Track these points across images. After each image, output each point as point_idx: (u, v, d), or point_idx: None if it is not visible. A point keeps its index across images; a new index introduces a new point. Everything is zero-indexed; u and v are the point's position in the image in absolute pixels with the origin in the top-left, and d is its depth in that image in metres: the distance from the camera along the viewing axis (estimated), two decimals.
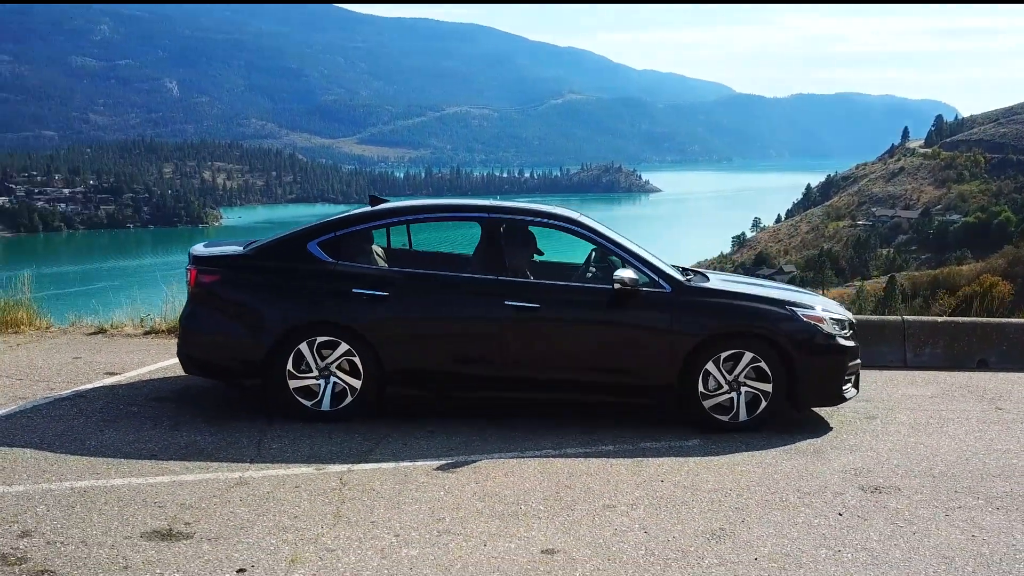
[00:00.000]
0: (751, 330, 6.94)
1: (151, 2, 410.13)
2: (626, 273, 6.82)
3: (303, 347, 6.78)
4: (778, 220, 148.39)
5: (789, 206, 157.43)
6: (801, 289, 8.44)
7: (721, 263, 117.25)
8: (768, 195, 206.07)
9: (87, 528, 4.81)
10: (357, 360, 6.80)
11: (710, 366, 6.90)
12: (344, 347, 6.79)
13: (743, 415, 6.97)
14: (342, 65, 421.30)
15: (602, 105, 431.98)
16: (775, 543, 4.94)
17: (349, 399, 6.86)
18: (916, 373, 9.39)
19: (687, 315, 6.92)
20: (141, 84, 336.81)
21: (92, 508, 5.08)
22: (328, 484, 5.61)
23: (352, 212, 7.41)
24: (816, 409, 7.69)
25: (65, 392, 7.47)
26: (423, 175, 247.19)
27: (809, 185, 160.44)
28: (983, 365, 9.61)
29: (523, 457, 6.26)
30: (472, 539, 4.85)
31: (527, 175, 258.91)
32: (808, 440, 6.88)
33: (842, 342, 7.10)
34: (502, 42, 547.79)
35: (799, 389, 6.99)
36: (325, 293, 6.83)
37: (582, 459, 6.27)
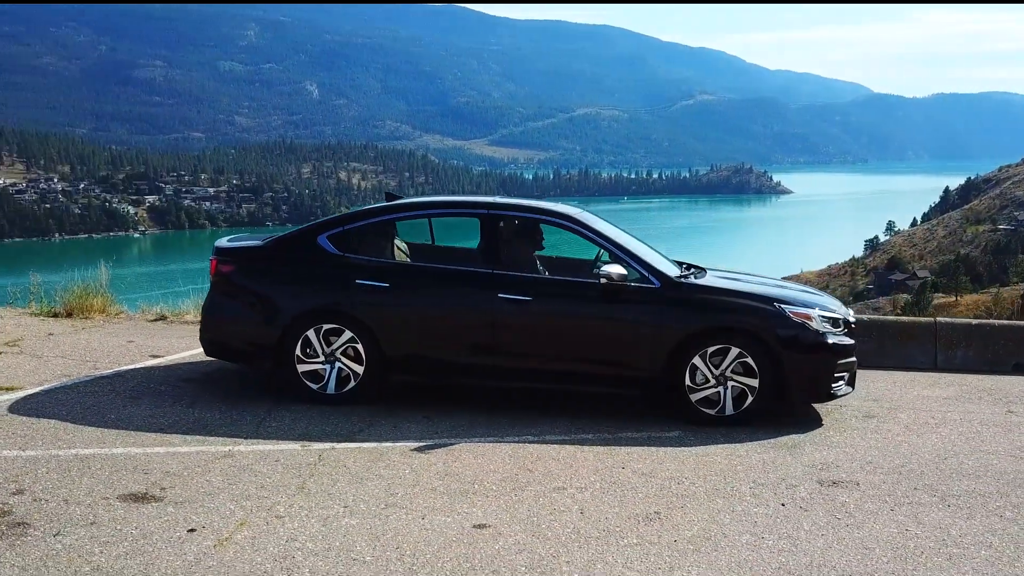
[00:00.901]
0: (737, 326, 7.09)
1: (294, 1, 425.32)
2: (612, 268, 7.06)
3: (310, 333, 7.25)
4: (913, 224, 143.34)
5: (925, 209, 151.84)
6: (808, 288, 8.44)
7: (852, 267, 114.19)
8: (904, 198, 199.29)
9: (73, 489, 5.36)
10: (360, 347, 7.24)
11: (697, 360, 7.07)
12: (348, 334, 7.24)
13: (729, 409, 7.11)
14: (475, 67, 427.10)
15: (733, 106, 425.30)
16: (702, 527, 5.13)
17: (352, 383, 7.30)
18: (943, 375, 9.26)
19: (674, 310, 7.11)
20: (283, 87, 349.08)
21: (86, 472, 5.64)
22: (306, 460, 6.04)
23: (361, 208, 7.85)
24: (818, 407, 7.75)
25: (107, 371, 8.15)
26: (551, 176, 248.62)
27: (947, 188, 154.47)
28: (1019, 369, 9.40)
29: (501, 442, 6.57)
30: (413, 513, 5.19)
31: (655, 176, 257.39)
32: (792, 435, 6.97)
33: (832, 340, 7.16)
34: (634, 43, 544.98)
35: (785, 385, 7.10)
36: (331, 283, 7.29)
37: (557, 445, 6.54)
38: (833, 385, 7.23)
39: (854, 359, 7.43)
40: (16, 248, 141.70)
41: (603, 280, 7.05)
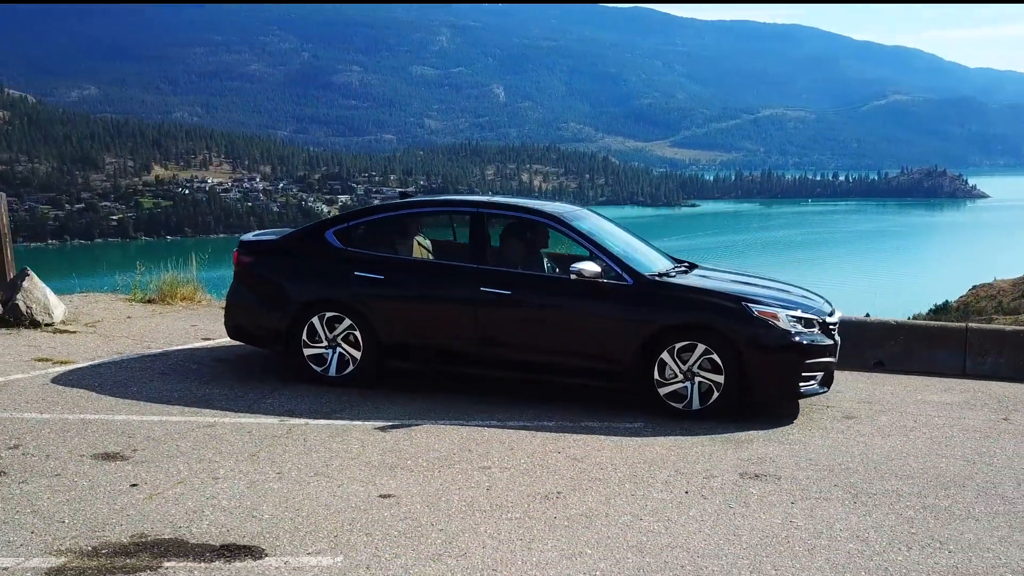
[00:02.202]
0: (702, 323, 7.30)
1: (485, 1, 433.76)
2: (584, 265, 7.39)
3: (315, 320, 7.92)
4: None
5: None
6: (799, 288, 8.40)
7: None
8: None
9: (60, 447, 6.17)
10: (358, 334, 7.86)
11: (665, 356, 7.33)
12: (347, 322, 7.87)
13: (696, 404, 7.34)
14: (660, 68, 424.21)
15: (929, 106, 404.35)
16: (591, 506, 5.44)
17: (351, 367, 7.92)
18: (964, 382, 9.07)
19: (644, 307, 7.38)
20: (471, 90, 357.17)
21: (79, 434, 6.45)
22: (275, 432, 6.68)
23: (366, 206, 8.46)
24: (805, 406, 7.85)
25: (155, 351, 9.08)
26: (732, 178, 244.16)
27: None
28: None
29: (465, 425, 7.02)
30: (334, 482, 5.73)
31: (841, 178, 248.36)
32: (752, 431, 7.12)
33: (800, 340, 7.26)
34: (824, 42, 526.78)
35: (750, 382, 7.25)
36: (334, 275, 7.93)
37: (513, 430, 6.94)
38: (801, 384, 7.33)
39: (830, 359, 7.49)
40: (220, 243, 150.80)
41: (573, 276, 7.40)
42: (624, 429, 7.09)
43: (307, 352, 7.98)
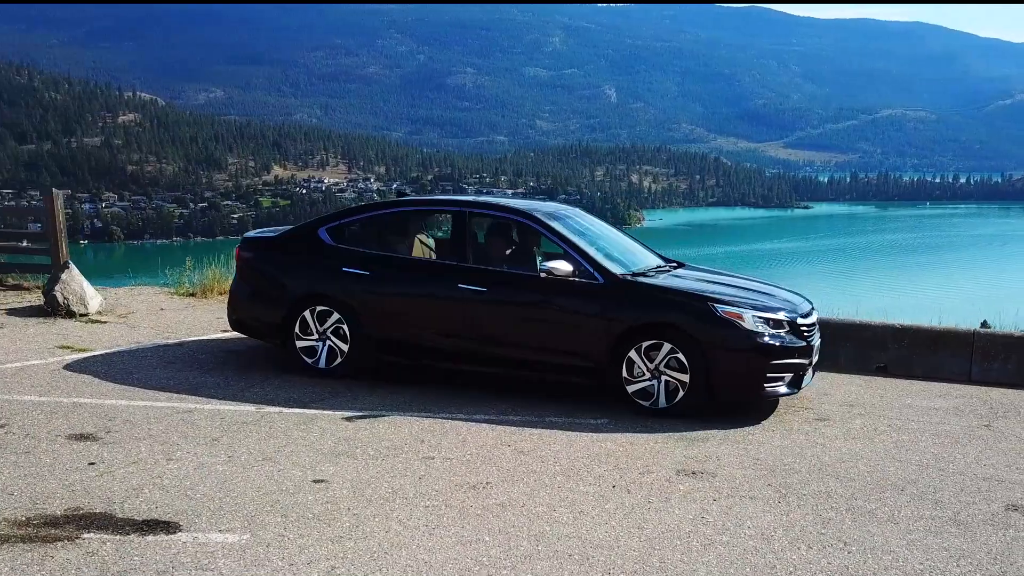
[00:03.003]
0: (668, 322, 7.38)
1: (599, 1, 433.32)
2: (555, 264, 7.55)
3: (306, 314, 8.27)
4: None
5: None
6: (783, 290, 8.35)
7: None
8: None
9: (42, 427, 6.63)
10: (345, 327, 8.17)
11: (633, 354, 7.43)
12: (336, 316, 8.19)
13: (663, 402, 7.43)
14: (774, 68, 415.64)
15: None
16: (512, 497, 5.60)
17: (339, 359, 8.24)
18: (963, 387, 8.88)
19: (614, 306, 7.49)
20: (583, 92, 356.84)
21: (64, 416, 6.90)
22: (247, 419, 7.02)
23: (356, 205, 8.76)
24: (783, 407, 7.86)
25: (172, 341, 9.57)
26: (847, 179, 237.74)
27: None
28: None
29: (431, 417, 7.24)
30: (277, 466, 6.02)
31: (962, 180, 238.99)
32: (715, 430, 7.17)
33: (765, 341, 7.27)
34: (948, 40, 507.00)
35: (714, 381, 7.30)
36: (325, 270, 8.26)
37: (474, 423, 7.13)
38: (767, 385, 7.34)
39: (801, 361, 7.48)
40: None
41: (543, 274, 7.56)
42: (586, 425, 7.22)
43: (299, 344, 8.33)
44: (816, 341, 7.87)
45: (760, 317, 7.37)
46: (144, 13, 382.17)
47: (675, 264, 8.68)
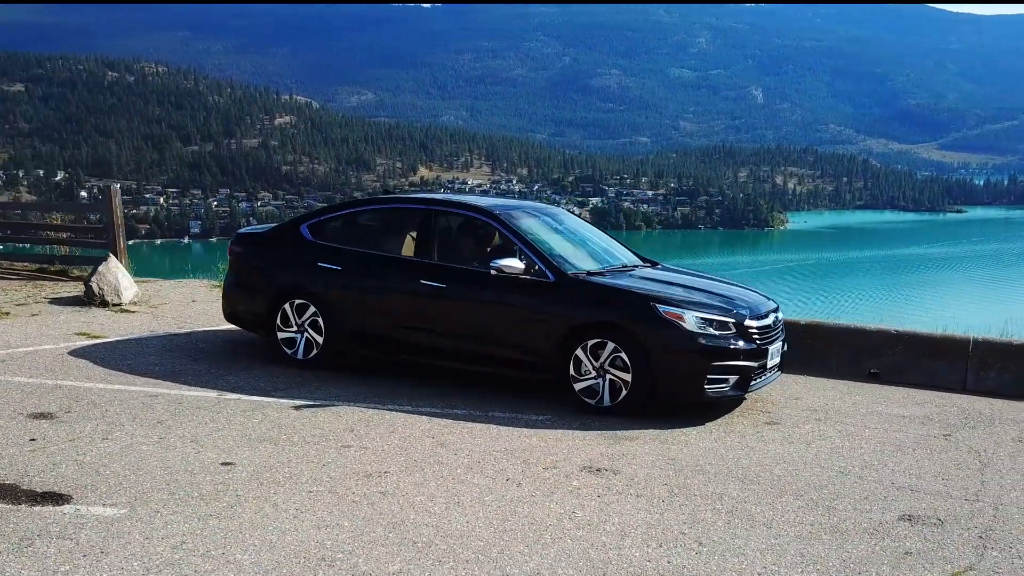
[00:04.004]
0: (611, 321, 7.40)
1: (748, 1, 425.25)
2: (505, 261, 7.66)
3: (286, 307, 8.62)
4: None
5: None
6: (752, 293, 8.24)
7: None
8: None
9: (12, 406, 7.12)
10: (320, 320, 8.48)
11: (579, 352, 7.48)
12: (312, 309, 8.51)
13: (607, 401, 7.45)
14: (930, 68, 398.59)
15: None
16: (399, 487, 5.74)
17: (315, 351, 8.56)
18: (949, 396, 8.53)
19: (563, 303, 7.56)
20: (729, 92, 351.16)
21: (38, 396, 7.40)
22: (201, 404, 7.38)
23: (335, 203, 9.05)
24: (742, 407, 7.76)
25: (182, 331, 10.10)
26: (1006, 182, 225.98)
27: None
28: None
29: (376, 408, 7.44)
30: (198, 448, 6.31)
31: None
32: (651, 430, 7.14)
33: (706, 342, 7.21)
34: None
35: (655, 381, 7.28)
36: (303, 265, 8.59)
37: (416, 416, 7.29)
38: (708, 386, 7.27)
39: (747, 363, 7.38)
40: None
41: (493, 272, 7.69)
42: (525, 420, 7.30)
43: (280, 336, 8.70)
44: (775, 345, 7.75)
45: (703, 318, 7.31)
46: (301, 19, 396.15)
47: (647, 264, 8.68)
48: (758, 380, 7.61)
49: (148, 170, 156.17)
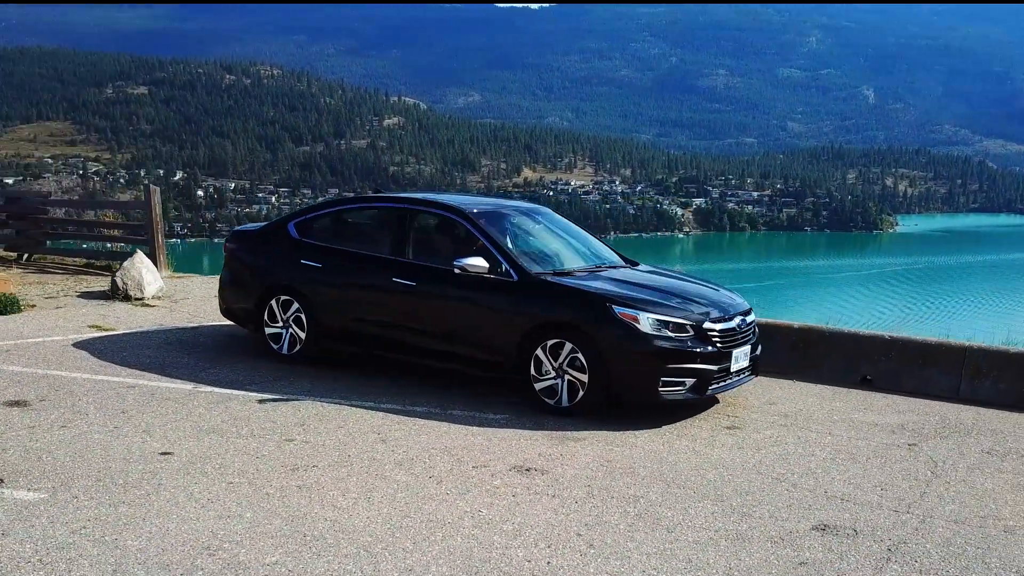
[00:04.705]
0: (567, 321, 7.36)
1: (862, 1, 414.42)
2: (469, 260, 7.68)
3: (273, 303, 8.82)
4: None
5: None
6: (721, 292, 8.10)
7: None
8: None
9: None
10: (303, 316, 8.66)
11: (539, 352, 7.47)
12: (296, 305, 8.69)
13: (565, 401, 7.42)
14: None
15: None
16: (317, 481, 5.81)
17: (299, 346, 8.74)
18: (939, 404, 8.23)
19: (524, 303, 7.56)
20: (839, 92, 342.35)
21: (21, 384, 7.71)
22: (171, 396, 7.59)
23: (320, 202, 9.21)
24: (709, 410, 7.65)
25: (192, 324, 10.41)
26: None
27: None
28: None
29: (338, 403, 7.55)
30: (145, 438, 6.50)
31: None
32: (602, 431, 7.08)
33: (660, 344, 7.12)
34: None
35: (610, 382, 7.23)
36: (288, 263, 8.76)
37: (374, 412, 7.36)
38: (662, 389, 7.18)
39: (705, 367, 7.26)
40: None
41: (456, 270, 7.73)
42: (480, 419, 7.32)
43: (267, 331, 8.90)
44: (741, 348, 7.61)
45: (659, 320, 7.22)
46: (412, 22, 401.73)
47: (627, 265, 8.63)
48: (720, 384, 7.48)
49: (261, 170, 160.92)
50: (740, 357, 7.60)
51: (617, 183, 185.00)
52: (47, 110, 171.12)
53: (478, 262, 7.69)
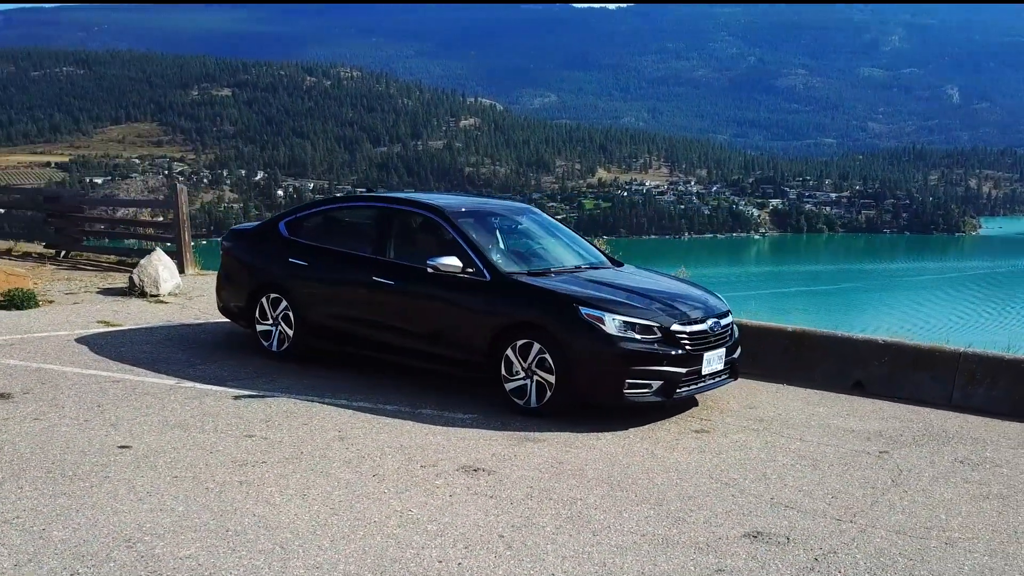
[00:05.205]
0: (534, 322, 7.32)
1: (941, 1, 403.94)
2: (442, 260, 7.68)
3: (263, 300, 8.94)
4: None
5: None
6: (702, 293, 8.02)
7: None
8: None
9: None
10: (291, 313, 8.76)
11: (509, 352, 7.44)
12: (284, 303, 8.79)
13: (533, 402, 7.38)
14: None
15: None
16: (266, 476, 5.86)
17: (287, 344, 8.84)
18: (924, 411, 7.99)
19: (495, 303, 7.54)
20: (921, 92, 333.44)
21: (10, 378, 7.91)
22: (150, 391, 7.72)
23: (309, 201, 9.29)
24: (684, 414, 7.55)
25: (197, 321, 10.60)
26: None
27: None
28: None
29: (310, 401, 7.59)
30: (110, 431, 6.62)
31: None
32: (565, 433, 7.03)
33: (627, 346, 7.05)
34: None
35: (575, 383, 7.16)
36: (277, 260, 8.86)
37: (342, 410, 7.39)
38: (627, 391, 7.09)
39: (672, 369, 7.16)
40: (648, 244, 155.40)
41: (430, 270, 7.73)
42: (447, 418, 7.31)
43: (258, 328, 9.02)
44: (715, 351, 7.49)
45: (625, 322, 7.13)
46: (489, 23, 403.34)
47: (611, 266, 8.58)
48: (690, 387, 7.37)
49: (339, 170, 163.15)
50: (713, 360, 7.47)
51: (692, 183, 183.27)
52: (135, 112, 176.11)
53: (451, 261, 7.68)
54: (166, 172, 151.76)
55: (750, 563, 4.91)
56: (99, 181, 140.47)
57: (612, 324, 7.10)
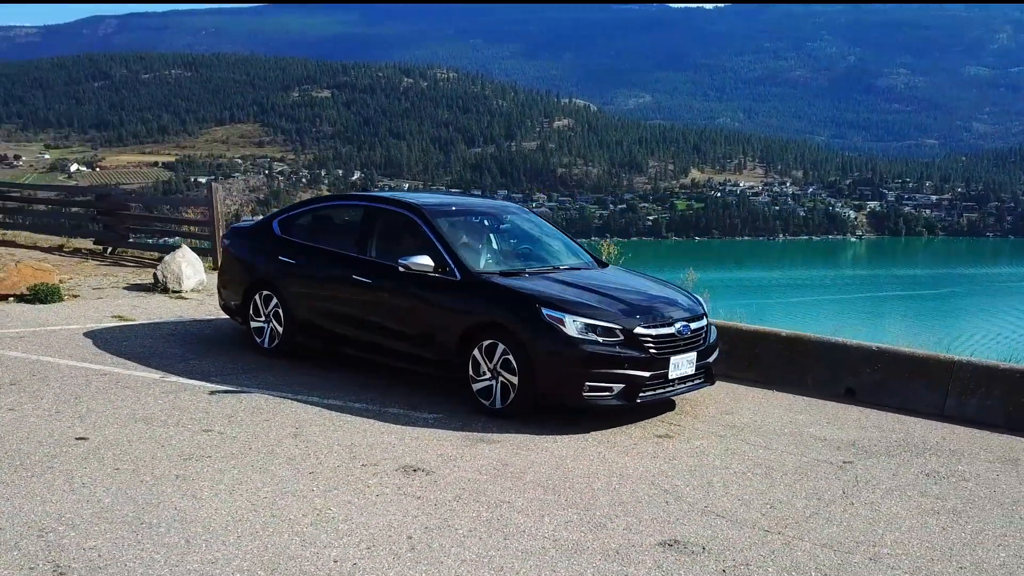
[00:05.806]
0: (498, 322, 7.26)
1: None
2: (413, 259, 7.66)
3: (256, 298, 9.05)
4: None
5: None
6: (682, 296, 7.88)
7: None
8: None
9: None
10: (280, 311, 8.85)
11: (476, 352, 7.39)
12: (275, 300, 8.89)
13: (498, 403, 7.31)
14: None
15: None
16: (203, 471, 5.93)
17: (277, 340, 8.93)
18: (911, 420, 7.68)
19: (464, 302, 7.50)
20: None
21: (2, 369, 8.18)
22: (132, 385, 7.87)
23: (302, 200, 9.38)
24: (662, 418, 7.40)
25: (207, 318, 10.77)
26: None
27: None
28: None
29: (283, 397, 7.64)
30: (76, 423, 6.76)
31: None
32: (523, 435, 6.95)
33: (587, 348, 6.95)
34: None
35: (535, 384, 7.08)
36: (268, 258, 8.97)
37: (308, 407, 7.42)
38: (587, 393, 6.98)
39: (635, 373, 7.03)
40: (742, 245, 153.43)
41: (401, 269, 7.72)
42: (409, 418, 7.28)
43: (252, 325, 9.14)
44: (684, 355, 7.32)
45: (587, 324, 7.02)
46: (585, 24, 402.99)
47: (595, 267, 8.48)
48: (656, 391, 7.22)
49: (434, 171, 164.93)
50: (682, 364, 7.30)
51: (788, 185, 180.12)
52: (239, 113, 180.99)
53: (423, 261, 7.66)
54: (267, 171, 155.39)
55: (654, 572, 4.78)
56: (203, 180, 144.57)
57: (572, 325, 7.00)
